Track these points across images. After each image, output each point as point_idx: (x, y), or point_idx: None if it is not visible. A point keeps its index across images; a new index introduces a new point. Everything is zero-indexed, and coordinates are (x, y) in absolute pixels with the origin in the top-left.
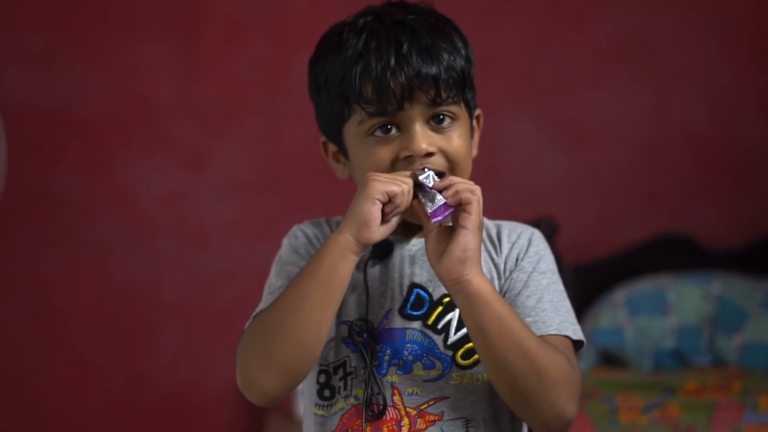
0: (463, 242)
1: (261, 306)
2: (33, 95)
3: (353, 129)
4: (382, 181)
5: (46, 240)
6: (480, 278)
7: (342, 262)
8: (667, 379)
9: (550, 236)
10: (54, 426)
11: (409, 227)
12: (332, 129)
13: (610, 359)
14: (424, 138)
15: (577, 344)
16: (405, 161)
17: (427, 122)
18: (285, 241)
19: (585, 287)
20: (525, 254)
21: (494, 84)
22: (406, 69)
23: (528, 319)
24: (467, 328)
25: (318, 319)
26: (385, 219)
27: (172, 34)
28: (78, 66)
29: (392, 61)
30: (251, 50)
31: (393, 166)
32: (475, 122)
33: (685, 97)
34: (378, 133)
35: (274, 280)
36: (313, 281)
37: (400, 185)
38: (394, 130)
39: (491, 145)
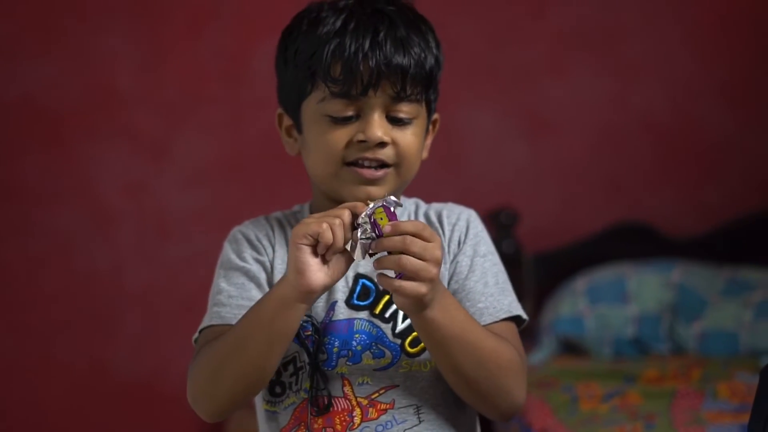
0: (402, 301)
1: (206, 320)
2: None
3: (313, 106)
4: (305, 223)
5: (6, 230)
6: (431, 309)
7: (284, 312)
8: (627, 368)
9: (511, 225)
10: (15, 414)
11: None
12: (292, 102)
13: (570, 348)
14: (381, 127)
15: (520, 321)
16: (358, 146)
17: (387, 115)
18: (226, 246)
19: (546, 276)
20: (465, 237)
21: (455, 72)
22: (378, 55)
23: (479, 305)
24: (427, 347)
25: (261, 363)
26: (325, 260)
27: (134, 23)
28: (39, 55)
29: (366, 45)
30: (213, 39)
31: (346, 149)
32: (431, 126)
33: (647, 85)
34: (337, 114)
35: (219, 286)
36: (257, 329)
37: (322, 223)
38: (353, 115)
39: (452, 134)
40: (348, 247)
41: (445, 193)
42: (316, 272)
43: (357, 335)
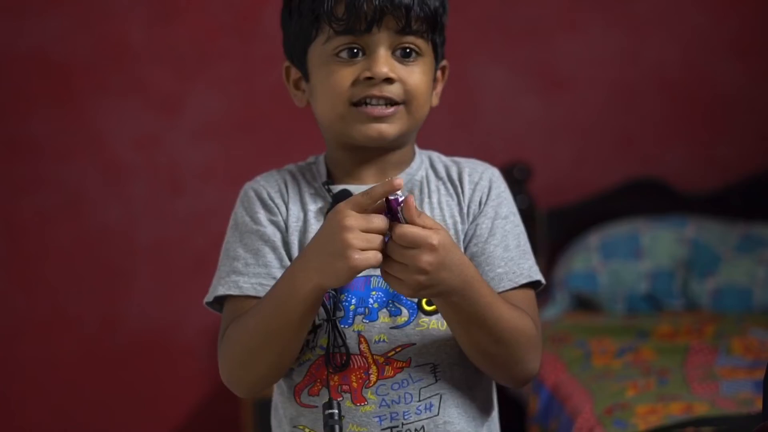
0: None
1: (222, 286)
2: (4, 38)
3: (318, 49)
4: (364, 259)
5: (17, 185)
6: (446, 296)
7: (314, 308)
8: (641, 323)
9: (524, 180)
10: (27, 371)
11: (368, 170)
12: (298, 50)
13: (583, 303)
14: (386, 63)
15: (538, 285)
16: (364, 83)
17: (393, 52)
18: (239, 204)
19: (559, 231)
20: (487, 198)
21: (468, 28)
22: None
23: (499, 270)
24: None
25: (293, 348)
26: None
27: None
28: (49, 9)
29: None
30: None
31: (352, 88)
32: (440, 73)
33: (659, 40)
34: (342, 54)
35: (236, 251)
36: (287, 325)
37: (378, 255)
38: (359, 54)
39: (465, 90)
40: None
41: (459, 147)
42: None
43: (374, 293)
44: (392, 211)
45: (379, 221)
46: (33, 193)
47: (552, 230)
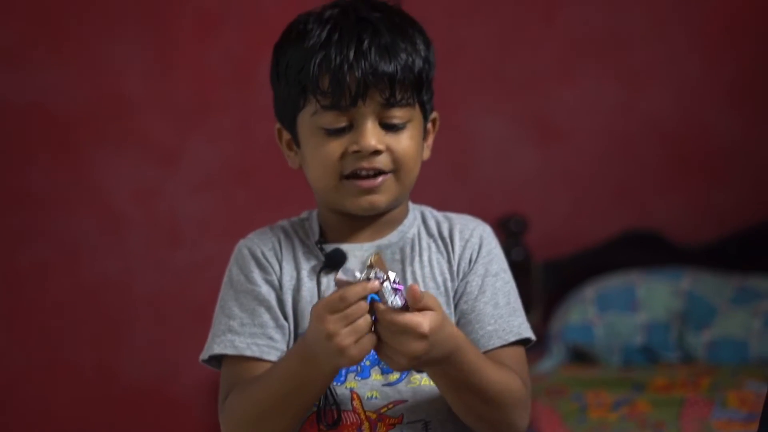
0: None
1: (218, 344)
2: (4, 91)
3: (307, 119)
4: (355, 355)
5: (16, 236)
6: (433, 366)
7: (316, 389)
8: (637, 376)
9: (520, 233)
10: (25, 421)
11: (361, 231)
12: (287, 116)
13: (579, 355)
14: (373, 135)
15: (528, 342)
16: (353, 156)
17: (380, 122)
18: (233, 263)
19: (555, 283)
20: (478, 255)
21: (464, 78)
22: (363, 65)
23: (489, 328)
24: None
25: (299, 418)
26: None
27: (144, 29)
28: (50, 62)
29: (351, 56)
30: (222, 44)
31: (342, 161)
32: (430, 125)
33: (655, 91)
34: (330, 126)
35: (232, 310)
36: (300, 395)
37: (368, 347)
38: (346, 128)
39: (461, 141)
40: None
41: (455, 199)
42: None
43: None
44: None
45: (358, 310)
46: (31, 244)
47: (548, 282)
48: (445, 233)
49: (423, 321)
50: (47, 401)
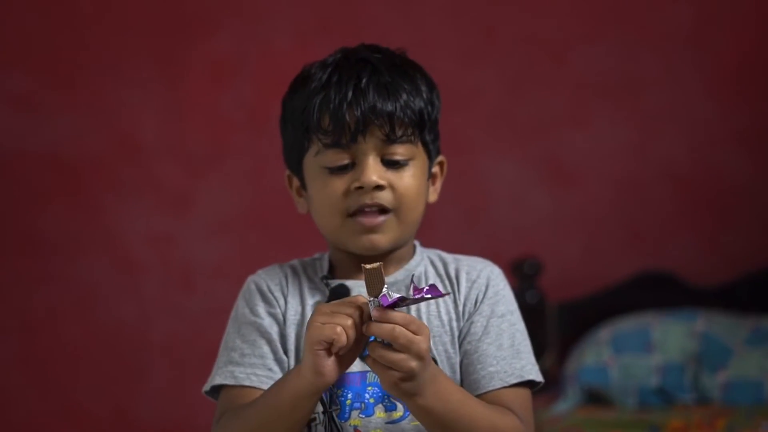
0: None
1: (219, 375)
2: (18, 137)
3: (311, 161)
4: (319, 327)
5: (32, 281)
6: (422, 397)
7: (303, 403)
8: (652, 417)
9: (535, 275)
10: None
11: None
12: (294, 161)
13: (594, 397)
14: (375, 171)
15: (535, 384)
16: (356, 192)
17: (382, 158)
18: (240, 297)
19: (570, 325)
20: (484, 296)
21: (476, 122)
22: (362, 103)
23: (490, 368)
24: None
25: None
26: (339, 356)
27: (157, 75)
28: (64, 108)
29: (350, 95)
30: (236, 90)
31: (346, 199)
32: (438, 168)
33: (667, 133)
34: (333, 167)
35: (234, 342)
36: (278, 418)
37: (336, 328)
38: (349, 165)
39: (473, 184)
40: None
41: (468, 242)
42: (333, 370)
43: (369, 388)
44: (385, 302)
45: (346, 308)
46: (46, 290)
47: (563, 324)
48: (452, 273)
49: (421, 341)
50: None
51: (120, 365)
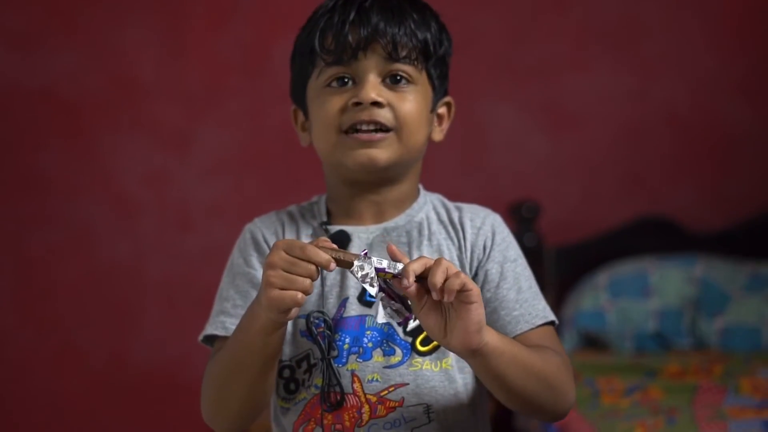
0: (476, 316)
1: (212, 326)
2: (15, 76)
3: (314, 84)
4: (278, 295)
5: (28, 221)
6: (491, 335)
7: (270, 338)
8: (649, 362)
9: (533, 218)
10: (36, 406)
11: (364, 214)
12: (299, 90)
13: (591, 342)
14: (374, 88)
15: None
16: (353, 108)
17: (384, 79)
18: (236, 246)
19: (567, 269)
20: (493, 243)
21: (477, 67)
22: (365, 22)
23: (515, 313)
24: (483, 380)
25: (261, 382)
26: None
27: (156, 15)
28: (61, 47)
29: (352, 14)
30: (234, 32)
31: (342, 115)
32: (444, 109)
33: (668, 80)
34: (334, 84)
35: (227, 292)
36: (249, 355)
37: (297, 296)
38: (350, 83)
39: (474, 129)
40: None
41: (467, 186)
42: (295, 311)
43: (368, 332)
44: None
45: (306, 269)
46: (42, 229)
47: (560, 268)
48: (456, 220)
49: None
50: (57, 385)
51: (115, 305)
